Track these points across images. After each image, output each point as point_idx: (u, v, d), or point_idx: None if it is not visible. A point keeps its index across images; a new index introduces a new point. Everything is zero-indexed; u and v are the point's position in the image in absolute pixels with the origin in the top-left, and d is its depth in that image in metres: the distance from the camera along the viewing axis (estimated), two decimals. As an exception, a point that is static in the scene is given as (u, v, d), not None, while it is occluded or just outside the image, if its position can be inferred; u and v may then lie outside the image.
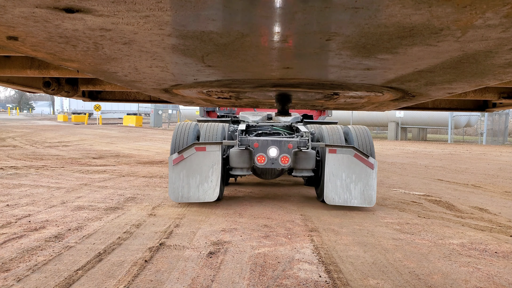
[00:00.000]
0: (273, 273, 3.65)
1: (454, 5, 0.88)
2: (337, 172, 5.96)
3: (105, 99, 4.81)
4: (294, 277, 3.57)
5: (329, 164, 6.00)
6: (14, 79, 3.35)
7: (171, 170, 5.77)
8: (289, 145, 6.05)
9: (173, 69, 1.79)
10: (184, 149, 5.86)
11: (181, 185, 5.79)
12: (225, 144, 6.20)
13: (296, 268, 3.79)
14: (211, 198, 5.84)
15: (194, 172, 5.80)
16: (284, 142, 6.07)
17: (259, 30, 1.12)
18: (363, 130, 7.02)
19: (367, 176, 5.94)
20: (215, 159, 5.86)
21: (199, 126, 6.96)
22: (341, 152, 5.99)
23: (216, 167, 5.86)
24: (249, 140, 6.08)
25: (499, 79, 1.80)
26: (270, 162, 6.07)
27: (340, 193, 5.96)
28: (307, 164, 6.04)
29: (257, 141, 6.07)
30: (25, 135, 20.64)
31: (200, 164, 5.82)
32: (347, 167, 5.96)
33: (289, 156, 6.03)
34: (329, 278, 3.56)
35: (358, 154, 5.97)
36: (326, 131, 6.86)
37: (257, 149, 6.05)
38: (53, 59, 1.61)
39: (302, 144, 6.08)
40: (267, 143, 6.06)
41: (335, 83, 2.11)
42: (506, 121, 25.97)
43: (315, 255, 4.16)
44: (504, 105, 4.34)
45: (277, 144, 6.05)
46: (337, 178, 5.97)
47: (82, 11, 0.99)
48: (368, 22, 1.02)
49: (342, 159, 5.97)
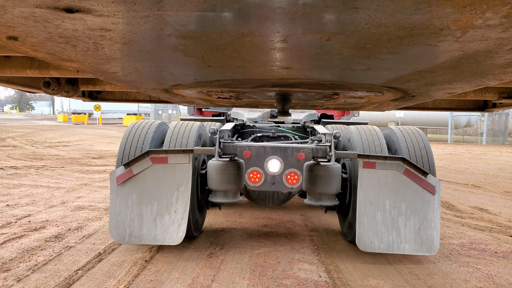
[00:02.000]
0: (273, 273, 3.65)
1: (454, 5, 0.88)
2: (377, 198, 3.77)
3: (105, 99, 4.81)
4: (294, 277, 3.57)
5: (364, 185, 3.78)
6: (14, 79, 3.35)
7: (114, 194, 3.76)
8: (299, 155, 4.03)
9: (173, 69, 1.79)
10: (133, 160, 3.76)
11: (129, 216, 3.73)
12: (198, 153, 4.00)
13: (296, 268, 3.79)
14: (173, 239, 3.66)
15: (150, 196, 3.76)
16: (291, 149, 4.06)
17: (259, 30, 1.12)
18: (415, 133, 4.58)
19: (426, 205, 3.77)
20: (182, 176, 3.77)
21: None
22: (383, 167, 3.79)
23: (184, 189, 3.76)
24: (236, 146, 3.95)
25: (499, 79, 1.80)
26: (270, 182, 4.06)
27: (381, 233, 3.74)
28: (329, 185, 3.82)
29: (248, 148, 4.04)
30: (25, 135, 20.63)
31: (159, 185, 3.77)
32: (393, 191, 3.78)
33: (300, 173, 4.03)
34: (329, 278, 3.56)
35: (410, 170, 3.78)
36: (357, 134, 4.52)
37: (250, 161, 4.05)
38: (53, 59, 1.61)
39: (320, 154, 3.94)
40: (264, 151, 4.04)
41: (335, 83, 2.11)
42: (506, 121, 25.96)
43: (315, 255, 4.16)
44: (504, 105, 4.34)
45: (280, 152, 4.06)
46: (376, 209, 3.76)
47: (82, 11, 0.99)
48: (368, 22, 1.02)
49: (385, 178, 3.79)
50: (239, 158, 3.97)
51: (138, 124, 4.70)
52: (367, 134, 4.53)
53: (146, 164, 3.79)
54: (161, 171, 3.78)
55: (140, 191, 3.77)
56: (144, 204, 3.76)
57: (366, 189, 3.78)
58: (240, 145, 4.03)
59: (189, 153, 3.82)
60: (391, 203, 3.78)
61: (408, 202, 3.78)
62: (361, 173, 3.79)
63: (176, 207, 3.74)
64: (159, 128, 4.67)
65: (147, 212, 3.75)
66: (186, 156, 3.82)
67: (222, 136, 4.03)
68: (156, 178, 3.78)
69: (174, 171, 3.79)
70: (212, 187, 3.90)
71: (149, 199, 3.76)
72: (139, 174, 3.78)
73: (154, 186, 3.77)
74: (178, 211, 3.74)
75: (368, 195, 3.77)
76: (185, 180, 3.79)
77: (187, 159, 3.82)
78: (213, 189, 3.89)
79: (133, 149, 4.32)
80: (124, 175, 3.78)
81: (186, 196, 3.76)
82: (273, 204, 5.12)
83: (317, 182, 3.82)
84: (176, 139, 4.36)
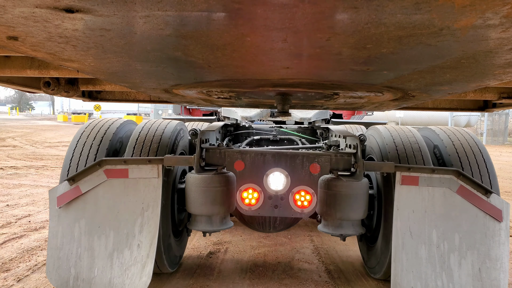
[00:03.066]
0: (273, 273, 3.65)
1: (454, 5, 0.88)
2: (420, 227, 2.76)
3: (105, 99, 4.80)
4: (294, 277, 3.57)
5: (403, 209, 2.78)
6: (14, 79, 3.35)
7: (55, 220, 2.76)
8: (312, 167, 2.98)
9: (173, 69, 1.79)
10: (81, 173, 2.77)
11: (74, 252, 2.72)
12: (170, 164, 2.86)
13: (296, 268, 3.79)
14: (135, 285, 2.64)
15: (104, 224, 2.76)
16: (301, 158, 3.00)
17: (259, 30, 1.12)
18: (465, 136, 3.58)
19: (489, 237, 2.75)
20: (149, 196, 2.78)
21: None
22: (429, 183, 2.78)
23: (151, 214, 2.76)
24: (224, 154, 2.99)
25: (499, 79, 1.80)
26: (271, 204, 3.00)
27: (427, 275, 2.71)
28: (353, 208, 2.86)
29: (241, 156, 3.00)
30: (25, 135, 20.63)
31: (116, 208, 2.77)
32: (442, 217, 2.77)
33: (313, 191, 2.98)
34: (329, 278, 3.56)
35: (466, 187, 2.77)
36: (387, 137, 3.48)
37: (244, 174, 3.00)
38: (53, 59, 1.61)
39: (342, 165, 2.97)
40: (263, 161, 3.00)
41: (335, 83, 2.11)
42: (506, 121, 25.97)
43: (315, 255, 4.16)
44: (504, 105, 4.34)
45: (285, 162, 3.00)
46: (420, 242, 2.75)
47: (82, 11, 0.99)
48: (368, 22, 1.02)
49: (431, 199, 2.78)
50: (228, 171, 2.95)
51: (94, 124, 3.66)
52: (402, 137, 3.39)
53: (98, 178, 2.77)
54: (119, 188, 2.77)
55: (91, 217, 2.75)
56: (96, 234, 2.73)
57: (406, 214, 2.75)
58: (230, 152, 2.97)
59: (158, 164, 2.77)
60: (440, 234, 2.75)
61: (463, 233, 2.75)
62: (398, 191, 2.76)
63: (139, 239, 2.71)
64: (122, 129, 3.65)
65: (100, 246, 2.72)
66: (154, 168, 2.77)
67: (204, 140, 3.07)
68: (112, 199, 2.76)
69: (137, 188, 2.77)
70: (191, 210, 2.90)
71: (103, 228, 2.74)
72: (89, 192, 2.76)
73: (110, 209, 2.75)
74: (143, 245, 2.70)
75: (408, 223, 2.75)
76: (153, 201, 2.74)
77: (156, 172, 2.77)
78: (193, 212, 2.90)
79: (83, 157, 3.31)
80: (68, 194, 2.74)
81: (153, 223, 2.72)
82: (275, 230, 3.70)
83: (338, 203, 2.82)
84: (143, 144, 3.28)
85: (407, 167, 2.80)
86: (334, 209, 2.84)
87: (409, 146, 3.32)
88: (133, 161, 2.80)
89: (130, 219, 2.75)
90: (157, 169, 2.79)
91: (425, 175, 2.78)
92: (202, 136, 2.97)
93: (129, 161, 2.80)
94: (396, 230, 2.75)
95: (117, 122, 3.74)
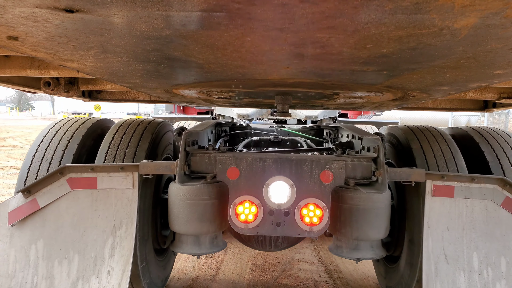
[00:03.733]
0: (273, 273, 3.65)
1: (454, 5, 0.88)
2: (457, 249, 2.31)
3: (105, 99, 4.80)
4: (294, 277, 3.57)
5: (436, 227, 2.34)
6: (14, 79, 3.35)
7: (6, 241, 2.28)
8: (323, 174, 2.42)
9: (173, 69, 1.79)
10: (38, 183, 2.30)
11: (30, 280, 2.23)
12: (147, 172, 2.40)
13: (296, 268, 3.79)
14: None
15: (67, 246, 2.29)
16: (309, 164, 2.44)
17: (259, 30, 1.12)
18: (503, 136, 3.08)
19: None
20: (122, 211, 2.33)
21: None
22: (467, 195, 2.34)
23: (124, 233, 2.31)
24: (215, 159, 2.48)
25: (499, 79, 1.80)
26: (273, 221, 2.43)
27: None
28: (373, 226, 2.44)
29: (235, 162, 2.45)
30: (25, 135, 20.63)
31: (82, 225, 2.32)
32: (484, 237, 2.31)
33: (324, 205, 2.40)
34: (329, 278, 3.57)
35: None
36: (411, 138, 2.99)
37: (239, 184, 2.44)
38: (53, 59, 1.61)
39: (360, 172, 2.48)
40: (262, 167, 2.45)
41: (335, 83, 2.11)
42: (506, 121, 25.96)
43: (315, 255, 4.16)
44: (504, 105, 4.34)
45: (290, 169, 2.45)
46: (457, 268, 2.28)
47: (82, 11, 0.99)
48: (368, 22, 1.02)
49: (470, 215, 2.33)
50: (219, 180, 2.45)
51: (62, 123, 3.08)
52: (428, 138, 2.88)
53: (60, 189, 2.29)
54: (86, 202, 2.30)
55: (51, 237, 2.26)
56: (56, 259, 2.25)
57: (439, 233, 2.28)
58: (222, 157, 2.45)
59: (133, 172, 2.32)
60: (483, 258, 2.26)
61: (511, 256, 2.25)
62: (430, 205, 2.31)
63: (110, 265, 2.24)
64: (94, 130, 3.08)
65: (62, 274, 2.24)
66: (128, 176, 2.32)
67: (191, 142, 2.58)
68: (77, 215, 2.29)
69: (108, 202, 2.31)
70: (174, 228, 2.48)
71: (65, 251, 2.25)
72: (48, 207, 2.27)
73: (74, 228, 2.28)
74: (114, 272, 2.23)
75: (442, 244, 2.27)
76: (127, 217, 2.28)
77: (130, 181, 2.32)
78: (177, 231, 2.49)
79: (45, 165, 2.75)
80: (22, 208, 2.26)
81: (127, 245, 2.25)
82: (277, 249, 3.05)
83: (354, 220, 2.41)
84: (118, 148, 2.76)
85: (440, 175, 2.34)
86: (349, 227, 2.43)
87: (437, 150, 2.80)
88: (103, 168, 2.32)
89: (98, 239, 2.28)
90: (132, 178, 2.33)
91: (462, 184, 2.31)
92: (187, 138, 2.47)
93: (98, 168, 2.32)
94: (427, 253, 2.27)
95: (90, 120, 3.16)
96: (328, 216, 2.37)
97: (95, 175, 2.32)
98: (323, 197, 2.40)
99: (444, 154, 2.80)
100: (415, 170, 2.39)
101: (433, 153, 2.80)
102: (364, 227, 2.41)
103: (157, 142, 2.96)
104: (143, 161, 2.41)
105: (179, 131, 2.67)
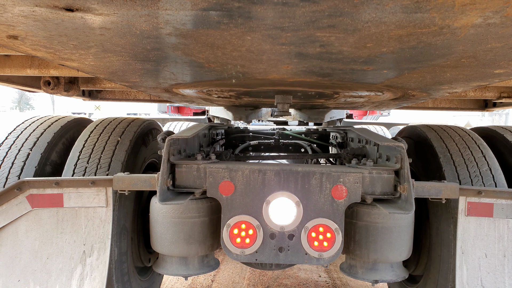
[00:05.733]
0: (273, 273, 3.65)
1: (454, 4, 0.88)
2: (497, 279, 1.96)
3: (105, 98, 4.80)
4: (294, 277, 3.57)
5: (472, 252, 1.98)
6: (14, 78, 3.35)
7: None
8: (336, 190, 2.06)
9: (173, 68, 1.79)
10: None
11: None
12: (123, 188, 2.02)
13: (296, 268, 3.79)
14: None
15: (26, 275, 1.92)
16: (319, 176, 2.07)
17: (259, 29, 1.12)
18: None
19: None
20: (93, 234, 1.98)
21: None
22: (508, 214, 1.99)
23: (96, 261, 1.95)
24: (204, 172, 2.10)
25: (500, 78, 1.80)
26: (275, 246, 2.09)
27: None
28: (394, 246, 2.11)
29: (229, 175, 2.08)
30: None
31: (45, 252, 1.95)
32: None
33: (337, 226, 2.05)
34: (329, 278, 3.57)
35: None
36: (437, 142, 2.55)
37: (233, 202, 2.08)
38: (53, 58, 1.61)
39: (379, 187, 2.09)
40: (262, 181, 2.07)
41: (335, 82, 2.11)
42: (506, 121, 25.98)
43: (315, 254, 4.17)
44: (504, 104, 4.34)
45: (295, 183, 2.08)
46: None
47: (81, 10, 0.99)
48: (369, 21, 1.02)
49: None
50: (210, 196, 2.10)
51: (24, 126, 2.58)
52: (458, 142, 2.46)
53: (18, 208, 1.93)
54: (50, 223, 1.96)
55: (7, 265, 1.91)
56: None
57: (475, 260, 1.96)
58: (213, 169, 2.08)
59: (107, 187, 1.99)
60: None
61: None
62: (464, 226, 1.98)
63: None
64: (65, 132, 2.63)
65: None
66: (100, 192, 1.97)
67: (176, 151, 2.19)
68: (39, 239, 1.94)
69: (77, 223, 1.96)
70: (157, 249, 2.17)
71: (24, 283, 1.91)
72: (4, 229, 1.93)
73: (35, 254, 1.93)
74: None
75: (479, 273, 1.94)
76: (99, 241, 1.95)
77: (103, 198, 1.98)
78: (161, 252, 2.17)
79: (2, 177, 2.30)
80: None
81: (99, 275, 1.91)
82: (278, 268, 2.59)
83: (372, 240, 2.09)
84: (89, 158, 2.32)
85: (477, 191, 1.98)
86: (366, 248, 2.10)
87: (469, 158, 2.34)
88: (70, 183, 1.95)
89: (65, 268, 1.93)
90: (105, 194, 1.97)
91: (503, 201, 1.95)
92: (171, 145, 2.06)
93: (64, 183, 1.95)
94: (461, 283, 1.94)
95: (61, 120, 2.60)
96: (341, 240, 2.03)
97: (61, 191, 1.96)
98: (335, 218, 2.04)
99: (477, 161, 2.33)
100: (446, 185, 2.00)
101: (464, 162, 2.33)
102: (384, 248, 2.06)
103: (139, 148, 2.50)
104: (117, 174, 2.02)
105: (164, 137, 2.22)
